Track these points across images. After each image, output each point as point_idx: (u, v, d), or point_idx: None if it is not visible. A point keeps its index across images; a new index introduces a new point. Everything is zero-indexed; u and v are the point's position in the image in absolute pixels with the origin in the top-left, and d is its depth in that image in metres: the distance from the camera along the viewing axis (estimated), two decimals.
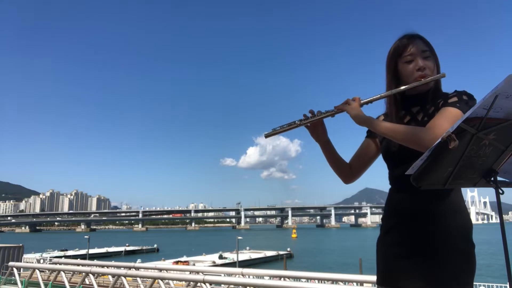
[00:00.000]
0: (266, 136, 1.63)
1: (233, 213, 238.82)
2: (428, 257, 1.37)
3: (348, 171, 1.69)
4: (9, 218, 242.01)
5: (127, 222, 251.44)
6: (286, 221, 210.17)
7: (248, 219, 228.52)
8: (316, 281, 8.68)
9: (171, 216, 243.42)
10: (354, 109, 1.49)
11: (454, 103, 1.39)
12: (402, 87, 1.51)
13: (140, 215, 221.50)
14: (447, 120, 1.30)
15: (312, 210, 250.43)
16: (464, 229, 1.41)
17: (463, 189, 1.50)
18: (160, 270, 11.91)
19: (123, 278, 10.19)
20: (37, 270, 12.26)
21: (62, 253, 44.94)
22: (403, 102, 1.57)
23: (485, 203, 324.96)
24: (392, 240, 1.46)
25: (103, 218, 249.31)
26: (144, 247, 63.88)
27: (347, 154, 1.75)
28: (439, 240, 1.38)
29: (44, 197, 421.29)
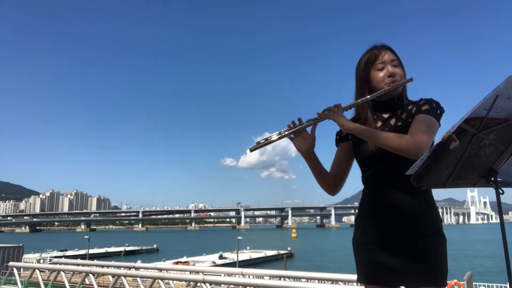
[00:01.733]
0: (251, 150, 1.60)
1: (233, 213, 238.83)
2: (418, 253, 1.45)
3: (333, 181, 1.70)
4: (9, 218, 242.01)
5: (127, 222, 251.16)
6: (286, 221, 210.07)
7: (248, 219, 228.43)
8: (316, 281, 8.67)
9: (171, 216, 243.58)
10: (341, 117, 1.54)
11: (427, 110, 1.51)
12: (378, 92, 1.57)
13: (140, 215, 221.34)
14: (427, 127, 1.44)
15: (312, 210, 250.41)
16: (437, 225, 1.52)
17: (463, 189, 1.54)
18: (160, 270, 11.91)
19: (123, 278, 10.18)
20: (37, 270, 12.25)
21: (61, 253, 44.89)
22: (374, 107, 1.65)
23: (485, 203, 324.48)
24: (373, 239, 1.52)
25: (103, 218, 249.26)
26: (144, 247, 63.70)
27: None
28: (426, 236, 1.47)
29: (44, 197, 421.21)
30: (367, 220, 1.57)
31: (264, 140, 1.60)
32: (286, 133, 1.60)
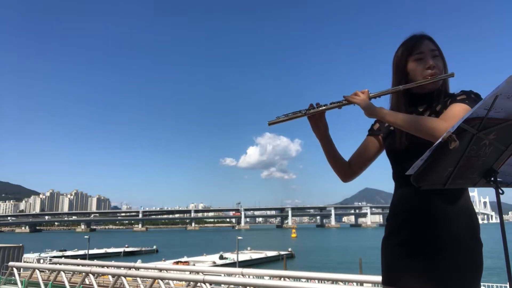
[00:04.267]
0: (270, 123, 1.58)
1: (233, 213, 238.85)
2: (432, 256, 1.37)
3: (347, 169, 1.66)
4: (9, 218, 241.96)
5: (127, 222, 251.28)
6: (286, 221, 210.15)
7: (248, 219, 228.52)
8: (316, 281, 8.68)
9: (171, 216, 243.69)
10: (364, 100, 1.47)
11: (463, 99, 1.40)
12: (412, 83, 1.50)
13: (140, 215, 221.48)
14: (460, 113, 1.30)
15: (312, 210, 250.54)
16: (469, 228, 1.41)
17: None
18: (160, 270, 11.91)
19: (123, 278, 10.19)
20: (37, 270, 12.26)
21: (60, 253, 44.83)
22: (410, 100, 1.56)
23: (485, 203, 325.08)
24: (397, 240, 1.45)
25: (103, 218, 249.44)
26: (143, 248, 63.51)
27: (349, 153, 1.71)
28: (443, 239, 1.38)
29: (44, 197, 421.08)
30: (394, 219, 1.50)
31: (283, 116, 1.57)
32: (308, 112, 1.56)
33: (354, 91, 1.54)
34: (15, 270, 12.40)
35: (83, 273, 11.48)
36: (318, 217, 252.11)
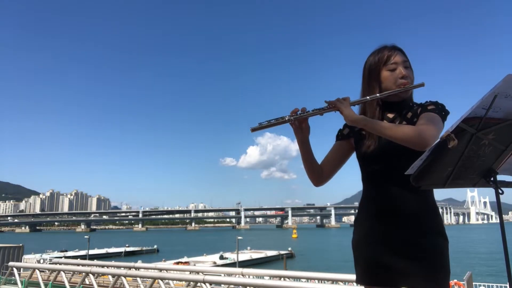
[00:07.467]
0: (252, 130, 1.61)
1: (233, 213, 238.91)
2: (420, 253, 1.44)
3: (321, 173, 1.71)
4: (9, 218, 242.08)
5: (127, 222, 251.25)
6: (286, 221, 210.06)
7: (248, 219, 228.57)
8: (316, 281, 8.68)
9: (171, 216, 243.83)
10: (347, 107, 1.52)
11: (433, 109, 1.52)
12: (388, 92, 1.57)
13: (140, 215, 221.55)
14: (433, 122, 1.43)
15: (312, 210, 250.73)
16: (442, 226, 1.51)
17: (463, 189, 1.52)
18: (160, 270, 11.90)
19: (123, 278, 10.19)
20: (37, 270, 12.26)
21: (61, 254, 44.81)
22: (380, 106, 1.65)
23: (485, 203, 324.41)
24: (373, 240, 1.52)
25: (103, 218, 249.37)
26: (144, 248, 63.58)
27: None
28: (428, 235, 1.46)
29: (44, 197, 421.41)
30: (367, 220, 1.57)
31: (266, 122, 1.59)
32: (291, 118, 1.59)
33: (336, 96, 1.57)
34: (15, 270, 12.40)
35: (83, 273, 11.48)
36: (318, 217, 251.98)
